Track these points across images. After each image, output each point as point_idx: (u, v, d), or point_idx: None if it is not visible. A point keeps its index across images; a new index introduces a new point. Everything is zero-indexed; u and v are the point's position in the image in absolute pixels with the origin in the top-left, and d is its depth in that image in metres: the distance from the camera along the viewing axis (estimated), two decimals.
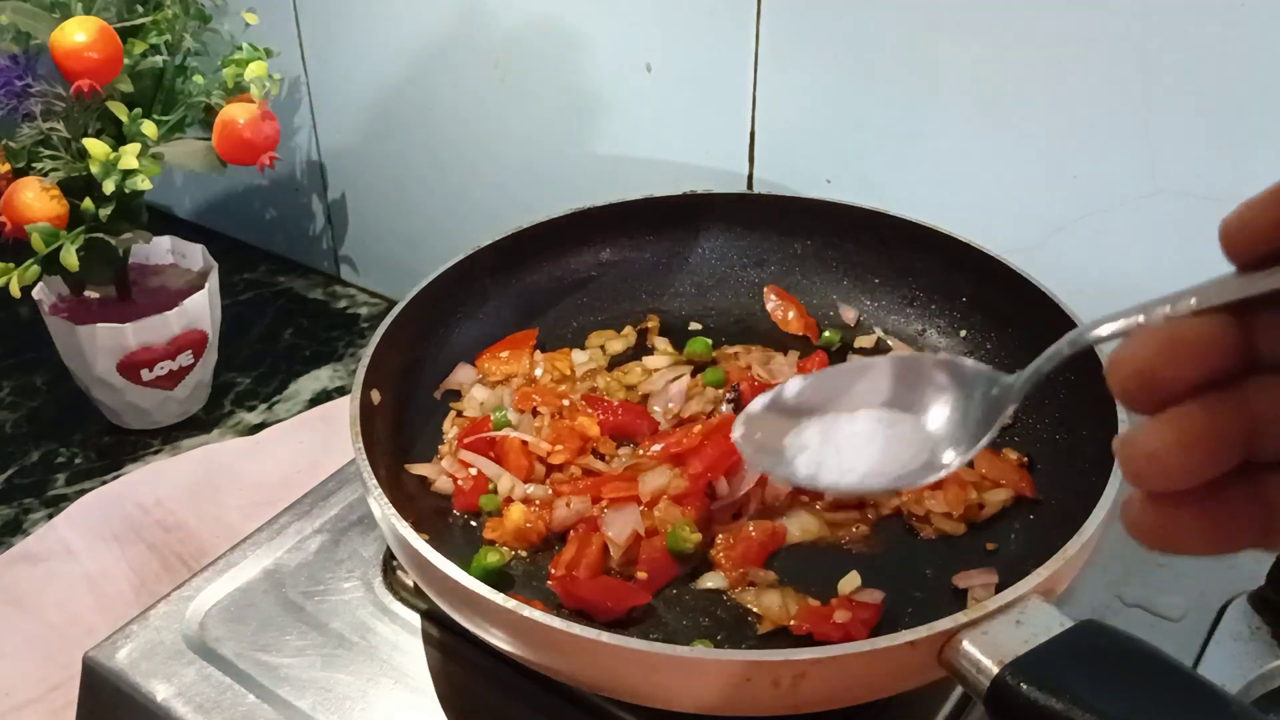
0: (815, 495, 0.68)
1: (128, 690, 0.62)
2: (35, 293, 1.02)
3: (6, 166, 0.91)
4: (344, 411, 0.64)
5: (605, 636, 0.50)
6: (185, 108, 0.97)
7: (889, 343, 0.80)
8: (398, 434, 0.71)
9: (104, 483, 0.99)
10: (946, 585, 0.63)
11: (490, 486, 0.69)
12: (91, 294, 1.05)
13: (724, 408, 0.74)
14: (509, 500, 0.68)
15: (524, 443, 0.70)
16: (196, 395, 1.09)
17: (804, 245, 0.84)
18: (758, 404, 0.53)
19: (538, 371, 0.78)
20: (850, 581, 0.62)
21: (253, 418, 1.11)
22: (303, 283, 1.31)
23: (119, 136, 0.92)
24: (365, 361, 0.67)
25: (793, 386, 0.52)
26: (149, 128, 0.92)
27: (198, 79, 0.98)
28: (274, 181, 1.29)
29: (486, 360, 0.78)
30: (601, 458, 0.71)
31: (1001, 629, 0.49)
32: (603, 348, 0.81)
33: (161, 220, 1.36)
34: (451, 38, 1.06)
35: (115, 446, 1.06)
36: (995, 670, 0.47)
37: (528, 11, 1.00)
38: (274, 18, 1.14)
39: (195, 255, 1.10)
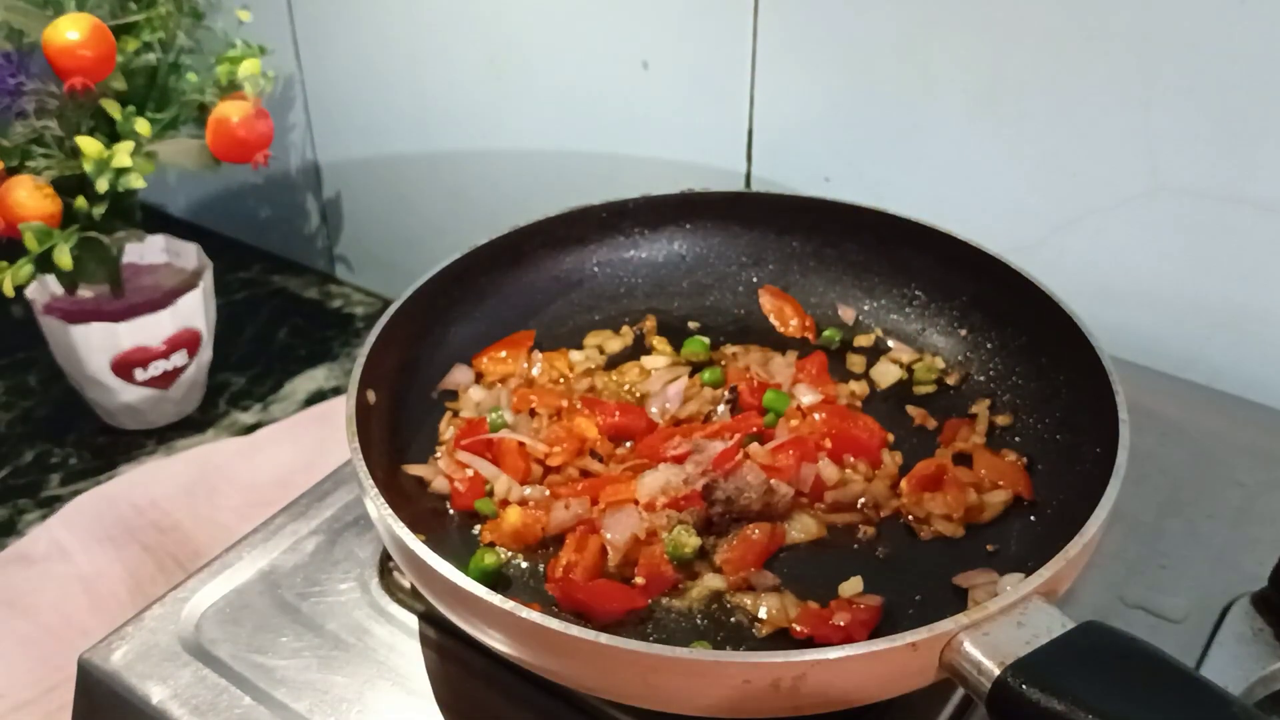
0: (816, 496, 0.68)
1: (123, 692, 0.61)
2: (29, 292, 1.01)
3: (0, 165, 0.91)
4: (340, 412, 0.63)
5: (604, 638, 0.49)
6: (179, 105, 0.97)
7: (888, 343, 0.80)
8: (394, 434, 0.70)
9: (98, 483, 0.98)
10: (947, 587, 0.62)
11: (487, 488, 0.68)
12: (85, 293, 1.04)
13: (721, 408, 0.74)
14: (506, 502, 0.67)
15: (521, 444, 0.70)
16: (191, 395, 1.09)
17: (802, 244, 0.84)
18: None
19: (535, 372, 0.78)
20: (852, 586, 0.62)
21: (248, 418, 1.10)
22: (298, 282, 1.30)
23: (112, 134, 0.92)
24: (361, 361, 0.66)
25: None
26: (142, 125, 0.91)
27: (191, 77, 0.98)
28: (268, 180, 1.29)
29: (483, 360, 0.78)
30: (600, 459, 0.71)
31: (1003, 630, 0.49)
32: (600, 348, 0.81)
33: (155, 219, 1.36)
34: (446, 35, 1.05)
35: (109, 447, 1.06)
36: (997, 671, 0.47)
37: (523, 8, 0.99)
38: (268, 15, 1.13)
39: (189, 254, 1.09)
